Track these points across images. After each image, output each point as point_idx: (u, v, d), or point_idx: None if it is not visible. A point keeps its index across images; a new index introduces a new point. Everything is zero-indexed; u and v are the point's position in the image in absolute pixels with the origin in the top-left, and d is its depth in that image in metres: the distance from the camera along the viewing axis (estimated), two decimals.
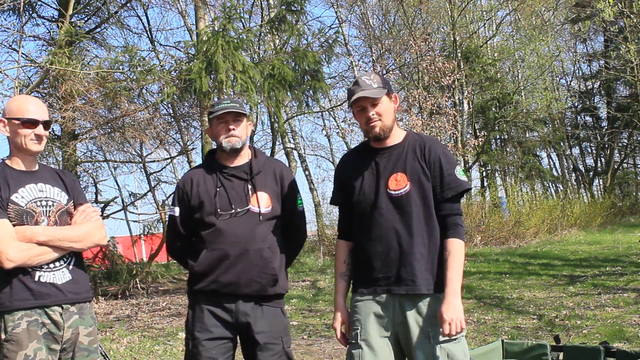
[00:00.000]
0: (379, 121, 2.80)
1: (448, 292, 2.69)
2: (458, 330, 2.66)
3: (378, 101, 2.80)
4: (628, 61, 13.47)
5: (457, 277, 2.71)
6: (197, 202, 3.06)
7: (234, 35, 9.74)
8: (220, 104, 3.10)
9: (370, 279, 2.80)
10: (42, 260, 2.74)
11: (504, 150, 24.38)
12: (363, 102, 2.80)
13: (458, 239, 2.77)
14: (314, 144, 29.53)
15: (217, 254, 2.99)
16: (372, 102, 2.80)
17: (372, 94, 2.78)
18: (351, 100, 2.80)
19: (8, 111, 2.83)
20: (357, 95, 2.77)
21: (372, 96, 2.78)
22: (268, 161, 3.22)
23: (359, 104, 2.82)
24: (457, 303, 2.68)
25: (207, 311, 3.01)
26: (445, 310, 2.66)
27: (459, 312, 2.67)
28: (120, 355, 6.50)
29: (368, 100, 2.79)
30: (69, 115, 9.12)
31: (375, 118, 2.80)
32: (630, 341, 5.66)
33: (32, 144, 2.81)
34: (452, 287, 2.69)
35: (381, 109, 2.81)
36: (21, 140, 2.81)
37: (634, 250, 11.82)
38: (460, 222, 2.82)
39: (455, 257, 2.74)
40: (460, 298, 2.70)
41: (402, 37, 18.87)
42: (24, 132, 2.80)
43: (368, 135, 2.88)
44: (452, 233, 2.77)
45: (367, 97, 2.77)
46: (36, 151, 2.85)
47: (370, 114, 2.80)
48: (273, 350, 3.00)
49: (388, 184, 2.80)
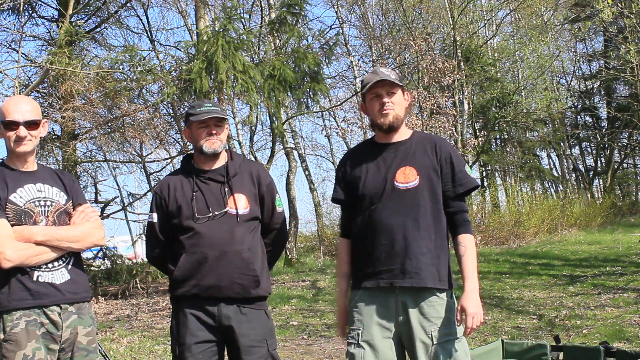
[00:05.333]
0: (392, 109, 2.80)
1: (469, 287, 2.72)
2: (478, 324, 2.69)
3: (395, 89, 2.81)
4: (628, 61, 13.44)
5: (474, 272, 2.76)
6: (175, 207, 3.03)
7: (234, 35, 9.73)
8: (202, 107, 3.05)
9: (373, 272, 2.77)
10: (40, 260, 2.74)
11: (504, 150, 24.35)
12: (380, 88, 2.80)
13: (471, 235, 2.81)
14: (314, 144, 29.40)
15: (196, 257, 2.96)
16: (388, 90, 2.80)
17: (392, 79, 2.78)
18: (370, 84, 2.79)
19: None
20: (378, 78, 2.78)
21: (391, 80, 2.78)
22: (244, 163, 3.19)
23: (375, 90, 2.81)
24: (477, 297, 2.72)
25: (191, 315, 2.97)
26: (468, 305, 2.69)
27: (479, 307, 2.71)
28: (120, 355, 6.49)
29: (385, 86, 2.79)
30: (69, 115, 9.13)
31: (389, 105, 2.80)
32: (630, 341, 5.65)
33: (16, 146, 2.79)
34: (472, 283, 2.73)
35: (395, 99, 2.82)
36: (8, 143, 2.80)
37: (634, 250, 11.81)
38: (468, 218, 2.85)
39: (472, 252, 2.77)
40: (478, 294, 2.74)
41: (402, 37, 18.86)
42: (8, 134, 2.79)
43: (379, 124, 2.84)
44: (464, 229, 2.80)
45: (385, 81, 2.78)
46: (22, 152, 2.81)
47: (384, 100, 2.80)
48: (258, 353, 2.97)
49: (396, 177, 2.78)
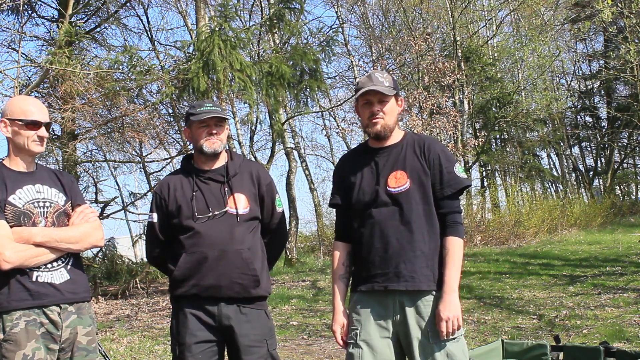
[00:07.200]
0: (381, 119, 2.81)
1: (445, 290, 2.69)
2: (455, 328, 2.66)
3: (386, 99, 2.81)
4: (628, 61, 13.42)
5: (454, 275, 2.71)
6: (175, 207, 3.03)
7: (231, 34, 9.71)
8: (202, 107, 3.05)
9: (368, 276, 2.79)
10: (40, 261, 2.74)
11: (504, 150, 24.33)
12: (371, 96, 2.80)
13: (457, 237, 2.77)
14: (314, 144, 29.47)
15: (196, 257, 2.95)
16: (380, 99, 2.80)
17: (383, 90, 2.78)
18: (360, 92, 2.80)
19: (10, 112, 2.83)
20: (368, 88, 2.78)
21: (381, 91, 2.78)
22: (244, 163, 3.19)
23: (366, 97, 2.81)
24: (455, 301, 2.68)
25: (191, 315, 2.97)
26: (442, 309, 2.66)
27: (456, 310, 2.67)
28: (120, 355, 6.49)
29: (377, 95, 2.79)
30: (69, 115, 9.14)
31: (379, 115, 2.80)
32: (630, 341, 5.65)
33: (35, 145, 2.83)
34: (449, 285, 2.69)
35: (387, 108, 2.82)
36: (24, 142, 2.81)
37: (634, 250, 11.81)
38: (459, 220, 2.81)
39: (454, 255, 2.73)
40: (457, 296, 2.70)
41: (402, 37, 18.86)
42: (27, 133, 2.81)
43: (368, 132, 2.87)
44: (451, 231, 2.77)
45: (377, 91, 2.78)
46: (38, 152, 2.87)
47: (375, 109, 2.80)
48: (258, 353, 2.97)
49: (388, 182, 2.79)
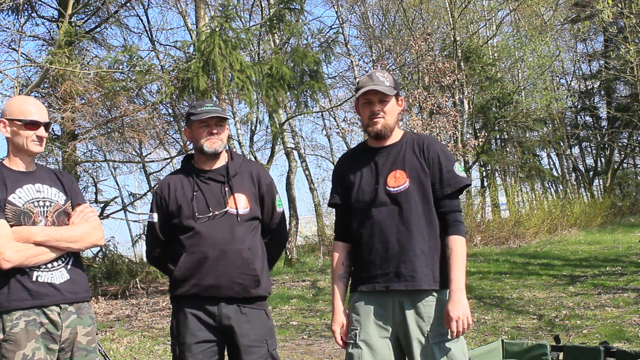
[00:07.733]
0: (382, 118, 2.81)
1: (453, 289, 2.69)
2: (465, 327, 2.66)
3: (386, 99, 2.81)
4: (628, 61, 13.43)
5: (460, 274, 2.72)
6: (175, 207, 3.03)
7: (231, 34, 9.71)
8: (203, 107, 3.05)
9: (369, 277, 2.79)
10: (40, 261, 2.74)
11: (504, 150, 24.31)
12: (372, 96, 2.80)
13: (459, 236, 2.77)
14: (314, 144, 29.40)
15: (196, 257, 2.96)
16: (380, 98, 2.80)
17: (384, 90, 2.79)
18: (361, 91, 2.80)
19: (9, 112, 2.83)
20: (369, 87, 2.78)
21: (382, 91, 2.78)
22: (245, 163, 3.19)
23: (367, 97, 2.82)
24: (463, 300, 2.68)
25: (191, 315, 2.97)
26: (451, 308, 2.66)
27: (465, 309, 2.67)
28: (120, 355, 6.49)
29: (377, 95, 2.80)
30: (69, 115, 9.14)
31: (379, 114, 2.81)
32: (630, 341, 5.65)
33: (34, 145, 2.83)
34: (457, 284, 2.69)
35: (387, 107, 2.82)
36: (23, 142, 2.82)
37: (634, 250, 11.81)
38: (460, 218, 2.82)
39: (458, 254, 2.73)
40: (465, 295, 2.71)
41: (402, 37, 18.85)
42: (26, 133, 2.81)
43: (368, 131, 2.87)
44: (453, 230, 2.77)
45: (377, 91, 2.78)
46: (37, 152, 2.87)
47: (375, 109, 2.81)
48: (258, 353, 2.97)
49: (387, 182, 2.80)
